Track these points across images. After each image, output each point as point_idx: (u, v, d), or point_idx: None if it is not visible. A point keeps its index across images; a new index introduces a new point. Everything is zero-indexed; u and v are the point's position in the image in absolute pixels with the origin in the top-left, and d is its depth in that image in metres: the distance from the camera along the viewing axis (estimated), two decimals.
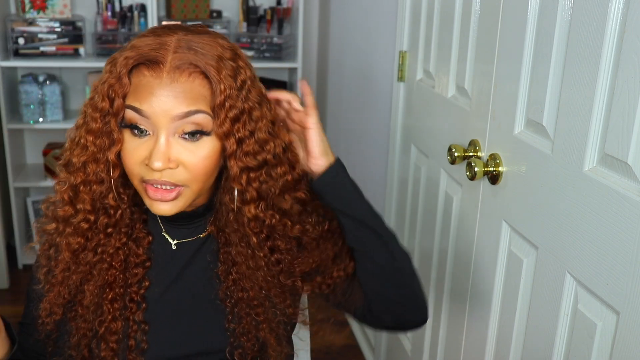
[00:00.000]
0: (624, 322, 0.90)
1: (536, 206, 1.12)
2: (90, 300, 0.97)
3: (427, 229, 1.70)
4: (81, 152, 0.91)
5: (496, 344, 1.32)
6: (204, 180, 0.91)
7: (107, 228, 0.95)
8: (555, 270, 1.07)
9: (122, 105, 0.87)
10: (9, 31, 2.71)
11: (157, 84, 0.86)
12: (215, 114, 0.87)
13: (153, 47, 0.87)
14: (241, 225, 0.94)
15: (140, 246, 0.99)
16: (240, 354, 1.00)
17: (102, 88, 0.88)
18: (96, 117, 0.89)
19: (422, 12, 1.70)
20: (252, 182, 0.91)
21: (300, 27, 2.82)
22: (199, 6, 2.88)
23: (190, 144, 0.88)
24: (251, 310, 0.99)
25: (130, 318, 0.98)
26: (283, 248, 0.97)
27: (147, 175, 0.89)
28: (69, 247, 0.95)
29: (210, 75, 0.87)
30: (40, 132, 3.02)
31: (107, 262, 0.97)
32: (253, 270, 0.97)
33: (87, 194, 0.92)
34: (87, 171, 0.91)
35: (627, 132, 0.88)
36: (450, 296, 1.55)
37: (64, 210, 0.94)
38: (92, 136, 0.90)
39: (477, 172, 1.26)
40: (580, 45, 0.98)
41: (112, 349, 0.97)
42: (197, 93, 0.87)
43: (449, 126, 1.51)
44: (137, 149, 0.88)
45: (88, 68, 2.86)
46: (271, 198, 0.94)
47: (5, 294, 2.73)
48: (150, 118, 0.86)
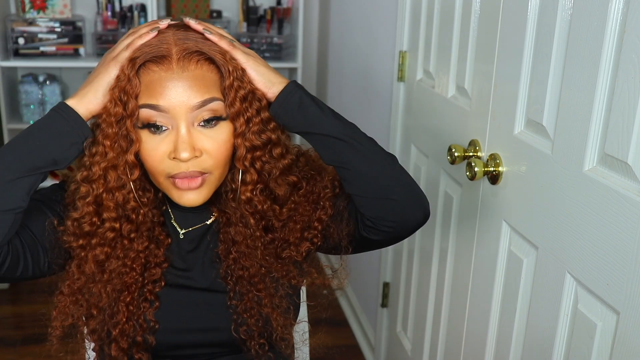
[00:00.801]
0: (624, 322, 0.90)
1: (536, 206, 1.12)
2: (105, 303, 0.98)
3: (427, 229, 1.69)
4: (100, 160, 0.92)
5: (496, 344, 1.32)
6: (225, 164, 0.95)
7: (130, 234, 0.97)
8: (555, 270, 1.07)
9: (136, 106, 0.89)
10: (9, 31, 2.71)
11: (169, 77, 0.88)
12: (225, 95, 0.91)
13: (154, 45, 0.90)
14: (238, 205, 0.98)
15: (161, 247, 1.01)
16: (245, 331, 1.01)
17: (113, 93, 0.89)
18: (111, 122, 0.90)
19: (422, 12, 1.70)
20: (256, 162, 0.95)
21: (300, 27, 2.82)
22: (199, 6, 2.88)
23: (210, 131, 0.91)
24: (252, 287, 1.01)
25: (142, 317, 0.99)
26: (277, 227, 1.00)
27: (174, 169, 0.91)
28: (95, 258, 0.96)
29: (216, 59, 0.90)
30: None
31: (128, 266, 0.98)
32: (252, 249, 0.99)
33: (111, 201, 0.94)
34: (108, 179, 0.92)
35: (627, 132, 0.88)
36: (450, 296, 1.55)
37: (90, 224, 0.94)
38: (109, 141, 0.91)
39: (477, 172, 1.26)
40: (580, 45, 0.98)
41: (122, 349, 0.98)
42: (208, 80, 0.90)
43: (449, 126, 1.51)
44: (158, 146, 0.91)
45: (88, 68, 2.86)
46: (269, 181, 0.97)
47: (5, 294, 2.72)
48: (168, 112, 0.89)
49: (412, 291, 1.85)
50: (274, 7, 2.97)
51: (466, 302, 1.43)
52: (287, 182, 0.99)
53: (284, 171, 0.98)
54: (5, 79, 2.70)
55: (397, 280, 1.98)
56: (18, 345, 2.37)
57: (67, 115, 0.90)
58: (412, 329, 1.87)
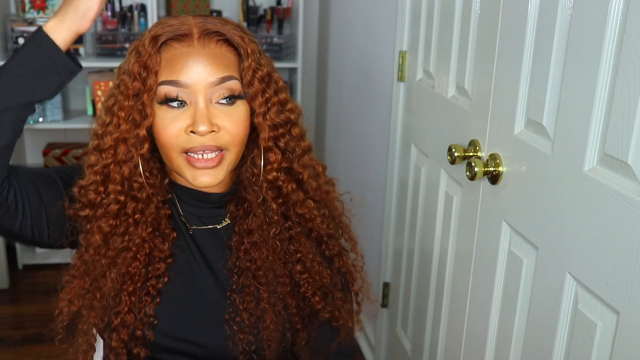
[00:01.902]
0: (624, 322, 0.90)
1: (536, 206, 1.12)
2: (109, 288, 0.98)
3: (427, 229, 1.70)
4: (113, 131, 0.94)
5: (496, 344, 1.32)
6: (241, 143, 0.96)
7: (134, 214, 0.98)
8: (555, 270, 1.07)
9: (155, 81, 0.91)
10: (9, 31, 2.71)
11: (191, 52, 0.91)
12: (244, 76, 0.93)
13: (176, 26, 0.93)
14: (260, 189, 0.99)
15: (166, 241, 1.01)
16: (237, 323, 1.01)
17: (132, 68, 0.91)
18: (128, 94, 0.92)
19: (422, 12, 1.70)
20: (278, 140, 0.98)
21: (300, 27, 2.82)
22: (199, 6, 2.88)
23: (228, 108, 0.93)
24: (255, 281, 1.01)
25: (142, 311, 0.99)
26: (294, 219, 1.03)
27: (190, 143, 0.91)
28: (100, 230, 0.97)
29: (235, 41, 0.94)
30: (40, 132, 3.02)
31: (133, 252, 0.98)
32: (265, 238, 1.01)
33: (117, 174, 0.95)
34: (118, 151, 0.94)
35: (627, 132, 0.88)
36: (451, 296, 1.55)
37: (96, 193, 0.96)
38: (123, 112, 0.93)
39: (477, 172, 1.26)
40: (580, 45, 0.98)
41: (122, 340, 0.99)
42: (227, 59, 0.93)
43: (449, 126, 1.51)
44: (175, 120, 0.92)
45: (88, 68, 2.86)
46: (292, 161, 1.00)
47: (5, 294, 2.72)
48: (187, 87, 0.91)
49: (412, 291, 1.85)
50: (274, 7, 2.97)
51: (466, 302, 1.43)
52: (310, 167, 1.03)
53: (305, 152, 1.02)
54: None
55: (397, 280, 1.98)
56: (18, 345, 2.37)
57: (44, 45, 0.91)
58: (412, 329, 1.87)
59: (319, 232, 1.05)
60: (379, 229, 2.14)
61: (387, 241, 2.06)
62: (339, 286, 1.08)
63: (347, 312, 1.09)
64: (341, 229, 1.11)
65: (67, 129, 3.02)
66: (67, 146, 2.95)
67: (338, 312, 1.07)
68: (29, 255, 2.95)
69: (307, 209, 1.03)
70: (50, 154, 2.86)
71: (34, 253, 2.97)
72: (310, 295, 1.04)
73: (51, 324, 1.03)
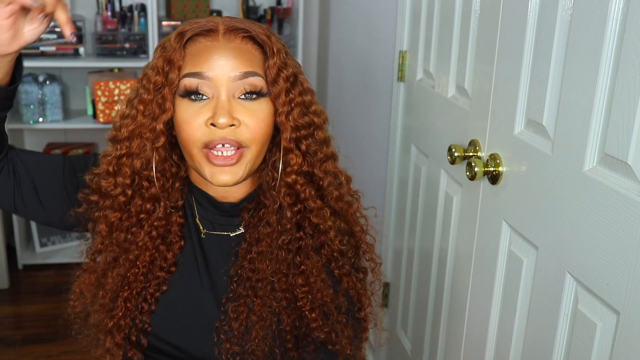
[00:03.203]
0: (624, 322, 0.90)
1: (536, 206, 1.12)
2: (109, 288, 0.99)
3: (427, 229, 1.70)
4: (130, 123, 0.94)
5: (496, 344, 1.32)
6: (262, 142, 0.94)
7: (140, 213, 0.97)
8: (555, 270, 1.07)
9: (178, 76, 0.92)
10: None
11: (215, 46, 0.92)
12: (268, 74, 0.93)
13: (203, 23, 0.94)
14: (278, 194, 0.97)
15: (171, 250, 1.00)
16: (225, 332, 0.99)
17: (156, 63, 0.92)
18: (149, 88, 0.93)
19: (422, 12, 1.71)
20: (300, 142, 0.96)
21: (300, 27, 2.82)
22: (199, 6, 2.88)
23: (250, 104, 0.92)
24: (252, 292, 0.99)
25: (138, 317, 0.99)
26: (307, 231, 1.00)
27: (210, 136, 0.91)
28: (106, 219, 0.97)
29: (260, 39, 0.94)
30: (40, 132, 3.02)
31: (134, 257, 0.98)
32: (272, 249, 0.99)
33: (128, 167, 0.95)
34: (132, 144, 0.94)
35: (627, 132, 0.88)
36: (451, 296, 1.55)
37: (107, 182, 0.97)
38: (142, 106, 0.93)
39: (477, 172, 1.26)
40: (580, 46, 0.98)
41: (116, 343, 0.99)
42: (251, 55, 0.93)
43: (449, 126, 1.51)
44: (197, 113, 0.91)
45: (88, 68, 2.86)
46: (313, 166, 0.98)
47: (5, 294, 2.72)
48: (210, 79, 0.91)
49: (412, 291, 1.85)
50: (274, 7, 2.97)
51: (466, 302, 1.43)
52: (332, 173, 1.01)
53: (328, 158, 1.00)
54: None
55: (397, 280, 1.98)
56: (18, 345, 2.37)
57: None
58: (412, 329, 1.87)
59: (331, 248, 1.02)
60: (379, 229, 2.14)
61: (387, 241, 2.06)
62: (342, 309, 1.03)
63: (346, 338, 1.03)
64: (363, 248, 1.08)
65: (67, 129, 3.02)
66: (67, 146, 2.95)
67: (335, 335, 1.02)
68: (29, 255, 2.95)
69: (323, 219, 0.99)
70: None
71: (34, 253, 2.97)
72: (308, 311, 1.00)
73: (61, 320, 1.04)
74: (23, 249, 2.91)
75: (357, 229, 1.06)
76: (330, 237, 1.01)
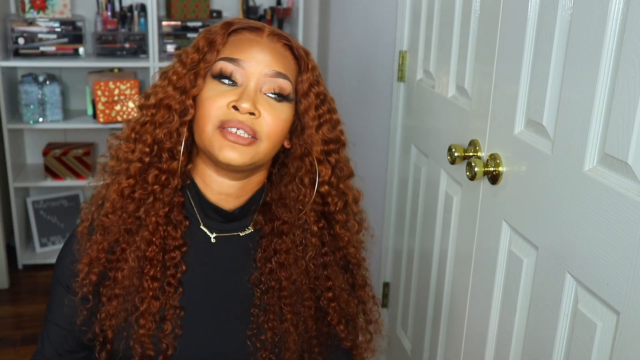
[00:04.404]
0: (624, 322, 0.90)
1: (536, 206, 1.12)
2: (131, 268, 0.96)
3: (427, 229, 1.70)
4: (160, 92, 0.96)
5: (496, 344, 1.32)
6: (275, 141, 0.96)
7: (154, 184, 0.96)
8: (555, 270, 1.07)
9: (215, 58, 0.95)
10: (9, 31, 2.71)
11: (258, 41, 0.96)
12: (300, 87, 0.97)
13: (250, 21, 0.99)
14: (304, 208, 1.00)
15: (178, 229, 1.00)
16: (261, 341, 1.00)
17: (197, 42, 0.96)
18: (186, 62, 0.96)
19: (422, 12, 1.71)
20: (329, 155, 1.01)
21: (300, 27, 2.82)
22: (199, 6, 2.88)
23: (274, 103, 0.95)
24: (279, 301, 1.01)
25: (167, 302, 0.98)
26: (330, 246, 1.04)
27: (227, 116, 0.92)
28: (119, 186, 0.97)
29: (299, 53, 0.98)
30: (40, 132, 3.02)
31: (149, 232, 0.97)
32: (298, 262, 1.01)
33: (149, 134, 0.96)
34: (157, 113, 0.96)
35: (627, 132, 0.88)
36: (451, 296, 1.55)
37: (126, 147, 0.98)
38: (175, 76, 0.96)
39: (477, 172, 1.26)
40: (580, 45, 0.98)
41: (149, 328, 0.96)
42: (288, 62, 0.97)
43: (449, 126, 1.51)
44: (223, 94, 0.93)
45: (88, 68, 2.86)
46: (340, 180, 1.02)
47: (5, 294, 2.73)
48: (245, 69, 0.94)
49: (412, 291, 1.85)
50: (274, 7, 2.97)
51: (466, 302, 1.43)
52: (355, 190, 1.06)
53: (350, 176, 1.05)
54: (5, 79, 2.70)
55: (397, 280, 1.98)
56: (18, 345, 2.37)
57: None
58: (412, 329, 1.87)
59: (350, 261, 1.07)
60: (379, 229, 2.14)
61: (387, 241, 2.06)
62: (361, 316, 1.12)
63: (366, 342, 1.14)
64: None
65: (67, 129, 3.02)
66: (67, 146, 2.95)
67: (358, 341, 1.11)
68: (29, 255, 2.95)
69: (350, 232, 1.05)
70: (50, 154, 2.86)
71: (34, 253, 2.97)
72: (336, 324, 1.06)
73: None
74: (23, 249, 2.91)
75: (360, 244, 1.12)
76: (350, 251, 1.07)
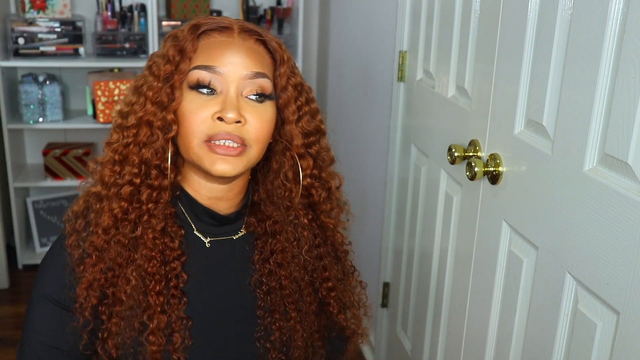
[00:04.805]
0: (624, 322, 0.90)
1: (536, 206, 1.12)
2: (133, 286, 0.93)
3: (427, 229, 1.70)
4: (138, 110, 0.92)
5: (496, 344, 1.32)
6: (263, 143, 0.94)
7: (149, 202, 0.94)
8: (555, 270, 1.07)
9: (189, 66, 0.91)
10: (9, 31, 2.71)
11: (230, 42, 0.93)
12: (278, 82, 0.95)
13: (218, 20, 0.95)
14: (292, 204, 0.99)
15: (176, 239, 0.98)
16: (271, 342, 1.00)
17: (167, 52, 0.92)
18: (159, 75, 0.91)
19: (422, 12, 1.71)
20: (310, 147, 0.99)
21: (300, 27, 2.82)
22: (199, 6, 2.88)
23: (256, 105, 0.92)
24: (283, 300, 1.01)
25: (174, 314, 0.95)
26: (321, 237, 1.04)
27: (214, 129, 0.89)
28: (111, 211, 0.93)
29: (272, 46, 0.95)
30: (40, 132, 3.02)
31: (148, 249, 0.94)
32: (295, 259, 1.01)
33: (135, 155, 0.93)
34: (140, 132, 0.92)
35: (627, 132, 0.88)
36: (451, 296, 1.55)
37: (111, 171, 0.93)
38: (151, 92, 0.92)
39: (477, 172, 1.26)
40: (580, 45, 0.98)
41: (160, 344, 0.94)
42: (263, 58, 0.94)
43: (449, 126, 1.51)
44: (204, 105, 0.90)
45: (88, 68, 2.86)
46: (322, 169, 1.01)
47: (5, 294, 2.73)
48: (221, 75, 0.90)
49: (412, 291, 1.85)
50: (274, 7, 2.97)
51: (466, 302, 1.43)
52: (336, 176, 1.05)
53: (332, 163, 1.04)
54: (5, 79, 2.70)
55: (397, 280, 1.98)
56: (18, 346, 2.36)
57: None
58: (412, 329, 1.87)
59: (338, 248, 1.07)
60: (379, 229, 2.14)
61: (387, 241, 2.06)
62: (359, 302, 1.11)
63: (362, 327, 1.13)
64: None
65: (67, 129, 3.02)
66: (67, 146, 2.95)
67: (357, 327, 1.10)
68: (29, 255, 2.95)
69: (335, 220, 1.04)
70: (50, 154, 2.86)
71: (34, 253, 2.97)
72: (337, 313, 1.06)
73: None
74: (23, 249, 2.91)
75: None
76: (338, 239, 1.06)
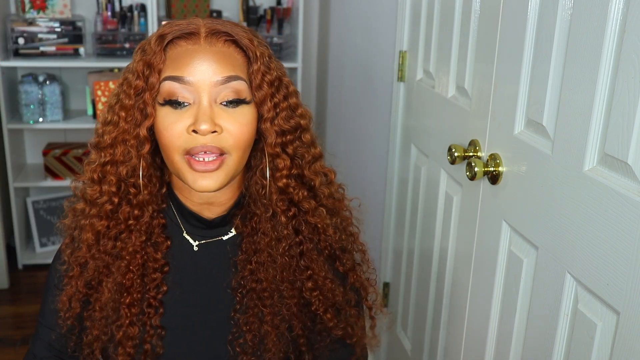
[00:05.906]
0: (624, 322, 0.90)
1: (536, 206, 1.12)
2: (107, 298, 0.96)
3: (427, 229, 1.70)
4: (112, 130, 0.92)
5: (496, 344, 1.32)
6: (244, 148, 0.92)
7: (128, 219, 0.95)
8: (555, 270, 1.07)
9: (158, 79, 0.89)
10: (9, 31, 2.71)
11: (197, 50, 0.89)
12: (253, 80, 0.91)
13: (184, 25, 0.92)
14: (270, 202, 0.96)
15: (159, 251, 0.98)
16: (240, 344, 1.00)
17: (137, 67, 0.90)
18: (130, 93, 0.90)
19: (422, 12, 1.71)
20: (287, 146, 0.95)
21: (300, 27, 2.82)
22: (199, 6, 2.88)
23: (232, 111, 0.90)
24: (259, 302, 0.99)
25: (148, 323, 0.97)
26: (306, 234, 0.99)
27: (191, 143, 0.88)
28: (92, 228, 0.95)
29: (243, 43, 0.91)
30: (40, 132, 3.02)
31: (126, 262, 0.96)
32: (273, 258, 0.98)
33: (113, 175, 0.93)
34: (116, 151, 0.92)
35: (627, 132, 0.88)
36: (451, 296, 1.55)
37: (92, 190, 0.95)
38: (124, 112, 0.91)
39: (477, 172, 1.26)
40: (580, 45, 0.98)
41: (128, 353, 0.97)
42: (234, 59, 0.91)
43: (449, 126, 1.51)
44: (178, 119, 0.89)
45: (88, 68, 2.86)
46: (303, 168, 0.97)
47: (5, 294, 2.73)
48: (191, 85, 0.88)
49: (412, 291, 1.85)
50: (274, 7, 2.97)
51: (466, 302, 1.43)
52: (322, 173, 1.00)
53: (316, 159, 0.99)
54: (5, 79, 2.70)
55: (397, 280, 1.98)
56: (18, 345, 2.37)
57: None
58: (412, 329, 1.87)
59: (332, 246, 1.02)
60: (379, 229, 2.14)
61: (387, 241, 2.06)
62: (352, 302, 1.06)
63: (361, 329, 1.07)
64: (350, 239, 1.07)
65: (67, 129, 3.02)
66: (67, 146, 2.95)
67: (352, 329, 1.05)
68: (29, 255, 2.95)
69: (320, 218, 0.99)
70: (50, 154, 2.86)
71: (34, 253, 2.97)
72: (322, 313, 1.02)
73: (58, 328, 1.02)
74: (23, 249, 2.91)
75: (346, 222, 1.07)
76: (330, 235, 1.01)
